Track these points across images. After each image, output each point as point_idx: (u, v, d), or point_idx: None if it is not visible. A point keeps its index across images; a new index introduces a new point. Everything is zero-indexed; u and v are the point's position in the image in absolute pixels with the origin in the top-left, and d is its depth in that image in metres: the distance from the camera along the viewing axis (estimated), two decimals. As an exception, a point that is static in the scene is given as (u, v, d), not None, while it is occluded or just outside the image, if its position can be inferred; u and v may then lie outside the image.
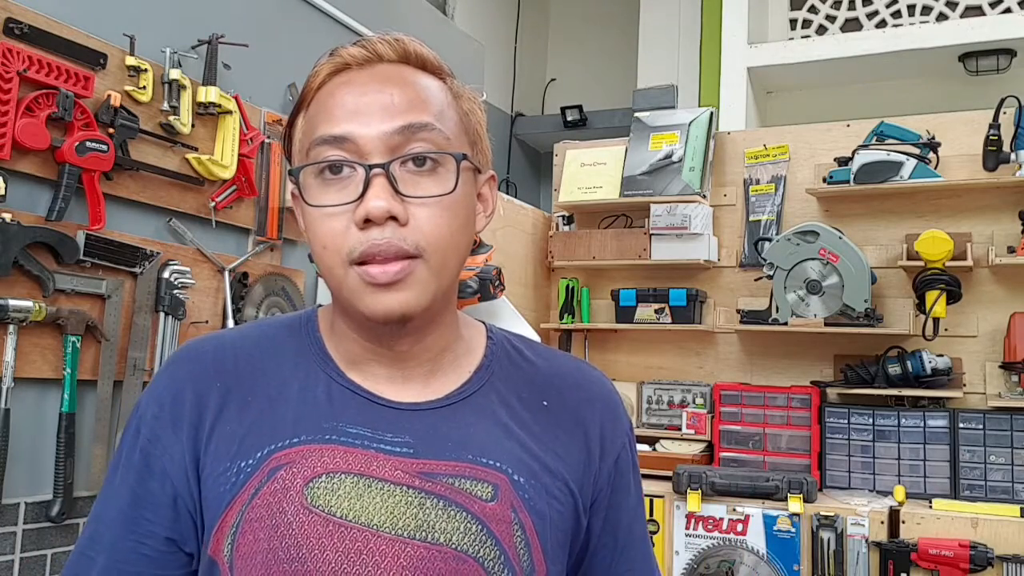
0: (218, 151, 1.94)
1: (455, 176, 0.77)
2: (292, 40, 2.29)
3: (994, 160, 2.41)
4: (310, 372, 0.82)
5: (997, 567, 2.10)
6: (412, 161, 0.76)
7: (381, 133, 0.75)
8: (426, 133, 0.76)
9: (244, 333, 0.86)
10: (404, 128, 0.76)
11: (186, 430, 0.79)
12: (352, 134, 0.75)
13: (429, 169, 0.76)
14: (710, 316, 2.81)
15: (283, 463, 0.76)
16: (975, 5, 3.92)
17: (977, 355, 2.52)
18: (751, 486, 2.32)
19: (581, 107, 4.68)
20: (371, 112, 0.76)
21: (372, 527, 0.75)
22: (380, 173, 0.74)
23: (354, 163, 0.75)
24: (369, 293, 0.75)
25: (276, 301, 2.14)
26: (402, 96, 0.77)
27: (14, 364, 1.54)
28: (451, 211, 0.77)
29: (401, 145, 0.76)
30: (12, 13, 1.53)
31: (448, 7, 4.20)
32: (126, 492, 0.79)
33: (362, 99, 0.76)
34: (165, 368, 0.84)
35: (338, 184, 0.76)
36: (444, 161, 0.77)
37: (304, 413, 0.79)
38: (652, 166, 2.81)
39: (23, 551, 1.58)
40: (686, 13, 4.33)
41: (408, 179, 0.75)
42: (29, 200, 1.59)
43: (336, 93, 0.78)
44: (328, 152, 0.76)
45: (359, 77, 0.79)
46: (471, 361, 0.86)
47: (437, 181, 0.76)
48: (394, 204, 0.74)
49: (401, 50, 0.81)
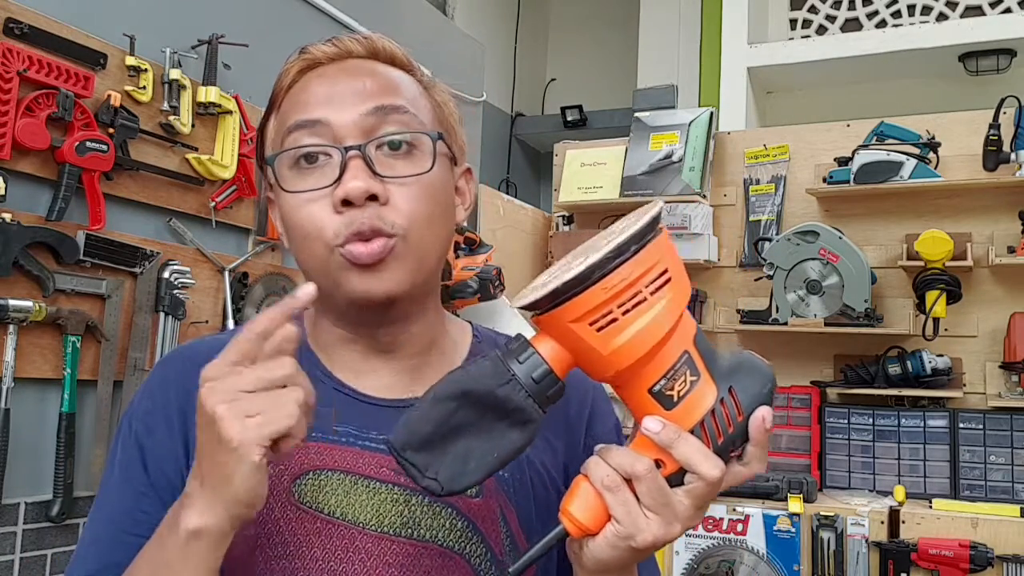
0: (218, 151, 1.94)
1: (431, 156, 0.77)
2: (292, 40, 2.28)
3: (994, 160, 2.41)
4: None
5: (997, 567, 2.10)
6: (387, 145, 0.76)
7: (355, 116, 0.75)
8: (399, 115, 0.77)
9: (235, 335, 0.87)
10: (377, 109, 0.76)
11: (177, 424, 0.79)
12: (326, 118, 0.75)
13: (404, 152, 0.77)
14: (710, 316, 2.81)
15: (270, 460, 0.77)
16: (975, 5, 3.92)
17: (977, 355, 2.52)
18: (751, 486, 2.32)
19: (581, 107, 4.68)
20: (344, 97, 0.76)
21: (359, 524, 0.75)
22: (356, 155, 0.74)
23: (329, 147, 0.75)
24: (353, 274, 0.75)
25: (276, 301, 2.14)
26: (373, 82, 0.78)
27: (14, 364, 1.54)
28: (429, 192, 0.77)
29: (375, 127, 0.76)
30: (12, 13, 1.53)
31: (448, 7, 4.20)
32: (125, 488, 0.79)
33: (334, 88, 0.77)
34: (157, 367, 0.85)
35: (315, 172, 0.76)
36: (419, 143, 0.77)
37: None
38: (652, 166, 2.81)
39: (23, 551, 1.58)
40: (686, 13, 4.33)
41: (384, 161, 0.76)
42: (29, 200, 1.59)
43: (308, 86, 0.79)
44: (303, 139, 0.76)
45: (330, 70, 0.80)
46: (457, 358, 0.86)
47: (413, 163, 0.77)
48: (373, 183, 0.74)
49: (370, 46, 0.82)
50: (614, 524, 0.64)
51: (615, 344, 0.61)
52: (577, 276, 0.60)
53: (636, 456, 0.64)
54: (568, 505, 0.65)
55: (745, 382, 0.65)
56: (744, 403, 0.65)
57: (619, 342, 0.61)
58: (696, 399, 0.64)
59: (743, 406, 0.65)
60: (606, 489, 0.64)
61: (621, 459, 0.64)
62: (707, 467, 0.63)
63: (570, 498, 0.66)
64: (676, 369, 0.63)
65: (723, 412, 0.64)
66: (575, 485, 0.66)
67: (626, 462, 0.63)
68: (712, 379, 0.65)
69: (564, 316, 0.61)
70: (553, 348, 0.64)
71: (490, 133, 4.31)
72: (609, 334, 0.61)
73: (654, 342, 0.61)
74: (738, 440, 0.65)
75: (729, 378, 0.65)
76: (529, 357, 0.64)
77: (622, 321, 0.61)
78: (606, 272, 0.60)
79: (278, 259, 2.18)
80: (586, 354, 0.63)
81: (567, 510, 0.65)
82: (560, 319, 0.62)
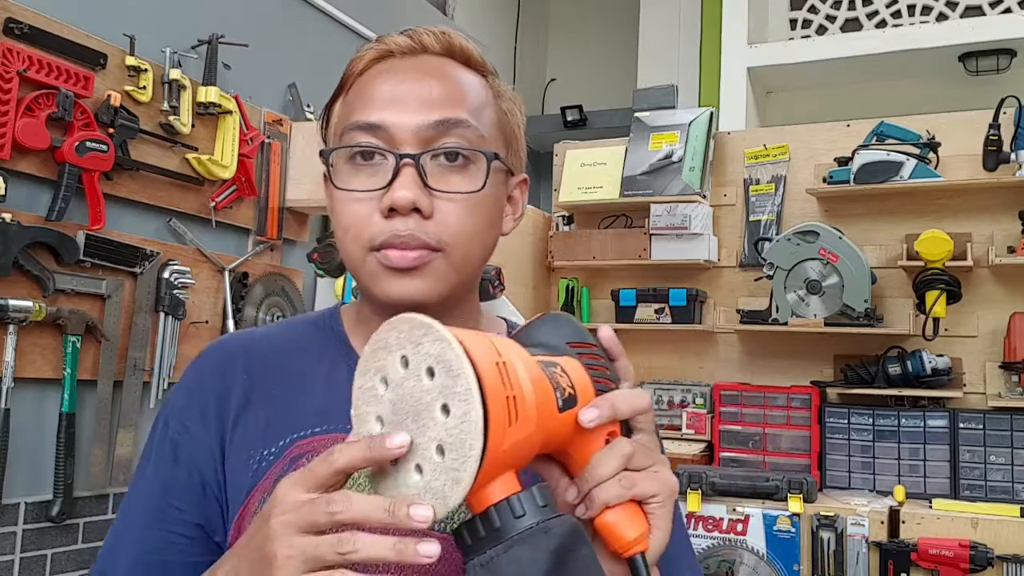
0: (218, 151, 1.94)
1: (485, 175, 0.77)
2: (292, 40, 2.29)
3: (994, 160, 2.41)
4: (334, 365, 0.82)
5: (997, 567, 2.10)
6: (444, 156, 0.75)
7: (416, 125, 0.75)
8: (461, 129, 0.76)
9: (270, 331, 0.88)
10: (439, 123, 0.75)
11: (213, 419, 0.79)
12: (386, 122, 0.75)
13: (460, 165, 0.76)
14: (710, 316, 2.81)
15: (305, 451, 0.77)
16: (975, 5, 3.92)
17: (977, 355, 2.52)
18: (751, 486, 2.32)
19: (581, 107, 4.68)
20: (408, 102, 0.75)
21: None
22: (410, 164, 0.74)
23: (385, 151, 0.75)
24: (386, 277, 0.75)
25: (276, 301, 2.14)
26: (441, 89, 0.76)
27: (14, 364, 1.54)
28: (477, 209, 0.77)
29: (434, 139, 0.75)
30: (12, 13, 1.53)
31: (448, 7, 4.20)
32: (157, 483, 0.79)
33: (400, 87, 0.76)
34: (194, 363, 0.85)
35: (368, 170, 0.76)
36: (475, 158, 0.77)
37: (328, 404, 0.79)
38: (652, 166, 2.81)
39: (23, 551, 1.58)
40: (686, 13, 4.33)
41: (437, 173, 0.75)
42: (29, 200, 1.59)
43: (376, 80, 0.78)
44: (361, 138, 0.76)
45: (401, 66, 0.78)
46: None
47: (466, 178, 0.76)
48: (420, 196, 0.73)
49: (446, 43, 0.80)
50: (648, 510, 0.65)
51: (532, 409, 0.57)
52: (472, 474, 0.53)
53: (614, 456, 0.64)
54: (625, 537, 0.64)
55: (556, 331, 0.69)
56: (580, 339, 0.69)
57: (531, 406, 0.57)
58: (574, 375, 0.65)
59: (583, 340, 0.69)
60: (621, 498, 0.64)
61: (607, 469, 0.63)
62: (643, 399, 0.66)
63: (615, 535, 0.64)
64: (550, 378, 0.62)
65: (590, 360, 0.68)
66: (605, 528, 0.64)
67: (615, 465, 0.64)
68: (556, 354, 0.67)
69: (496, 447, 0.54)
70: (507, 479, 0.57)
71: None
72: (523, 411, 0.56)
73: (535, 380, 0.59)
74: (607, 367, 0.69)
75: (553, 339, 0.68)
76: (527, 501, 0.56)
77: (519, 393, 0.56)
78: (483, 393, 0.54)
79: (278, 259, 2.18)
80: (527, 447, 0.58)
81: (628, 543, 0.64)
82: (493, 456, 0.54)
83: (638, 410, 0.66)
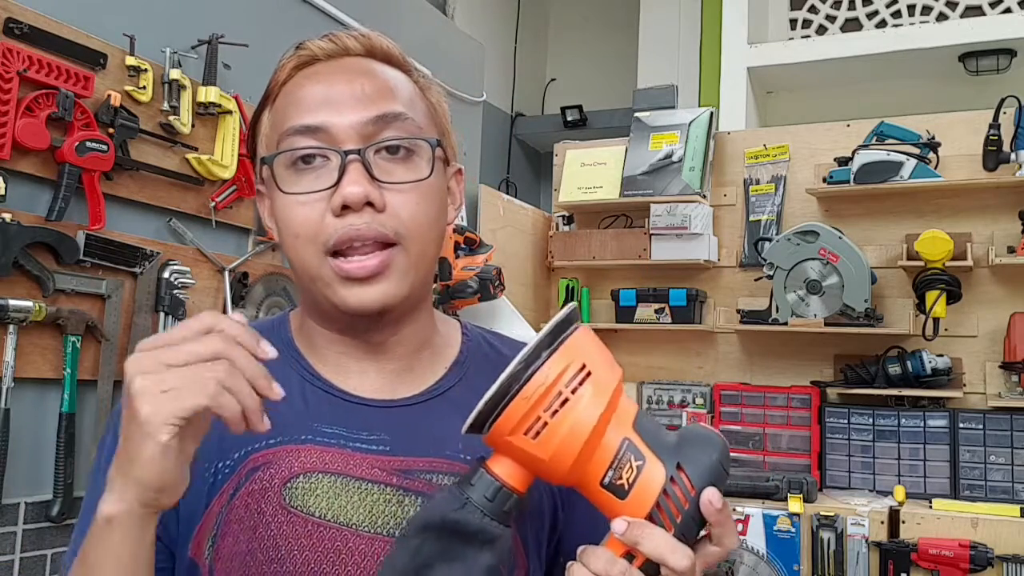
0: (218, 151, 1.94)
1: (430, 163, 0.77)
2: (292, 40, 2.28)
3: (994, 160, 2.41)
4: (284, 374, 0.80)
5: (997, 567, 2.10)
6: (386, 149, 0.76)
7: (355, 122, 0.75)
8: (399, 122, 0.77)
9: None
10: (378, 118, 0.76)
11: None
12: (325, 123, 0.75)
13: (403, 157, 0.77)
14: (710, 316, 2.81)
15: (260, 464, 0.76)
16: (975, 5, 3.92)
17: (977, 355, 2.52)
18: (751, 486, 2.32)
19: (581, 107, 4.68)
20: (343, 101, 0.76)
21: (351, 526, 0.75)
22: (356, 159, 0.74)
23: (328, 151, 0.75)
24: (345, 286, 0.75)
25: (276, 301, 2.14)
26: (372, 86, 0.77)
27: (14, 364, 1.54)
28: (427, 198, 0.77)
29: (374, 134, 0.76)
30: (12, 13, 1.53)
31: (448, 7, 4.20)
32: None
33: (333, 88, 0.77)
34: None
35: (311, 173, 0.76)
36: (418, 148, 0.77)
37: (280, 414, 0.78)
38: (652, 166, 2.81)
39: (23, 551, 1.58)
40: (686, 13, 4.33)
41: (382, 166, 0.76)
42: (29, 200, 1.59)
43: (305, 84, 0.78)
44: (301, 142, 0.76)
45: (327, 68, 0.79)
46: (447, 357, 0.86)
47: (411, 168, 0.77)
48: (371, 190, 0.74)
49: (368, 44, 0.81)
50: None
51: (553, 447, 0.63)
52: (496, 392, 0.62)
53: (611, 558, 0.64)
54: None
55: (692, 454, 0.66)
56: (694, 476, 0.66)
57: (555, 444, 0.62)
58: (646, 483, 0.65)
59: (693, 480, 0.66)
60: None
61: (598, 564, 0.64)
62: (676, 559, 0.64)
63: None
64: (620, 458, 0.65)
65: (675, 491, 0.65)
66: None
67: (602, 567, 0.64)
68: (659, 459, 0.66)
69: (500, 432, 0.63)
70: (506, 464, 0.65)
71: (490, 133, 4.31)
72: (545, 439, 0.62)
73: (585, 437, 0.63)
74: (698, 515, 0.66)
75: (676, 454, 0.66)
76: (480, 478, 0.65)
77: (553, 424, 0.62)
78: (522, 383, 0.62)
79: (278, 259, 2.18)
80: (533, 463, 0.64)
81: None
82: (499, 436, 0.63)
83: (664, 562, 0.64)
